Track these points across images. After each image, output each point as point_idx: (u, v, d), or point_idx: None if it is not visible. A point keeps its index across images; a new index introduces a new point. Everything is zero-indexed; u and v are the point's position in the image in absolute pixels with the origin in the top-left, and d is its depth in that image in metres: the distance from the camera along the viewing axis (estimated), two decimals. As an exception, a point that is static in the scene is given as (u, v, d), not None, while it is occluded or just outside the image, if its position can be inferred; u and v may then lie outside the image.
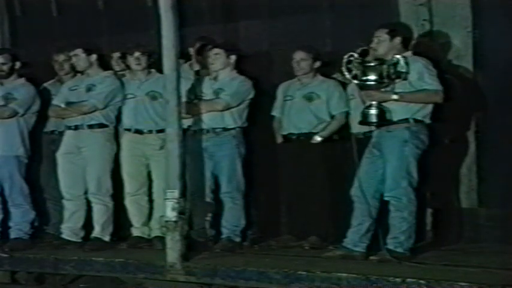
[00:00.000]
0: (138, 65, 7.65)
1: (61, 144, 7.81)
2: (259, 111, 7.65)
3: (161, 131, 7.40)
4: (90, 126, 7.66)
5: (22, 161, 7.96)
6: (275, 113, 7.58)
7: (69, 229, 7.76)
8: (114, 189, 7.73)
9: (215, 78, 7.54)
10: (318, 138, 7.34)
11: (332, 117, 7.36)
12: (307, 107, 7.40)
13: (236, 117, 7.48)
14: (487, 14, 7.23)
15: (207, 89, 7.52)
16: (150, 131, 7.61)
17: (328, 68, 7.48)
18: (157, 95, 7.56)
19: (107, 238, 7.68)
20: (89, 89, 7.72)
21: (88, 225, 7.79)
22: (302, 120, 7.41)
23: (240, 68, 7.63)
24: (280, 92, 7.57)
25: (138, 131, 7.66)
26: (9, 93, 7.90)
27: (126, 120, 7.71)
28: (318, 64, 7.42)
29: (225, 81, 7.51)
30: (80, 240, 7.74)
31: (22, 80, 7.98)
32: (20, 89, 7.90)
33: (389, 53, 6.66)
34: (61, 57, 8.12)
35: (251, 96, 7.52)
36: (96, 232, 7.68)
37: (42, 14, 9.34)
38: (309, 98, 7.41)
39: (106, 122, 7.68)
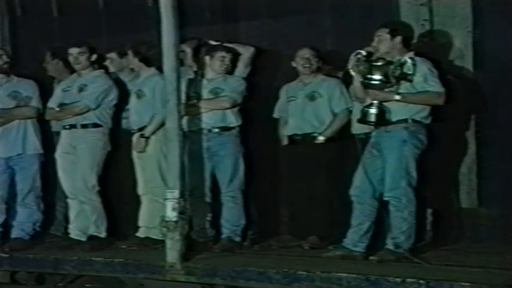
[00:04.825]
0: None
1: (58, 144, 7.84)
2: (259, 110, 7.65)
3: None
4: (84, 126, 7.68)
5: (41, 160, 7.99)
6: (276, 114, 7.58)
7: (77, 228, 7.75)
8: (116, 189, 7.74)
9: (202, 77, 7.56)
10: (321, 138, 7.34)
11: (335, 115, 7.36)
12: (310, 106, 7.40)
13: (237, 116, 7.50)
14: (487, 14, 7.22)
15: (199, 89, 7.52)
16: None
17: (329, 67, 7.49)
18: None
19: (102, 235, 7.68)
20: (80, 89, 7.74)
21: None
22: (305, 120, 7.41)
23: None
24: (283, 93, 7.58)
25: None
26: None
27: None
28: (321, 63, 7.44)
29: (219, 80, 7.53)
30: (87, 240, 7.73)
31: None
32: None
33: (390, 52, 6.67)
34: (49, 59, 8.17)
35: (245, 94, 7.55)
36: (92, 230, 7.68)
37: (43, 14, 9.34)
38: (311, 98, 7.41)
39: (100, 122, 7.69)
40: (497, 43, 7.14)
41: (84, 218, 7.73)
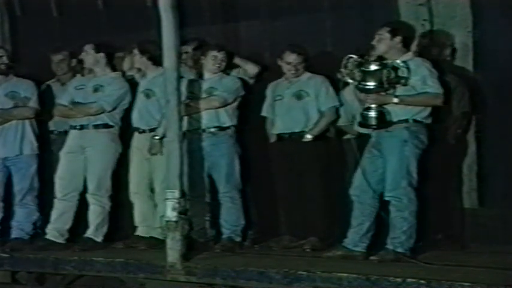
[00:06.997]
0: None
1: (65, 143, 7.81)
2: (258, 110, 7.65)
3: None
4: (96, 126, 7.66)
5: (38, 160, 7.99)
6: (265, 113, 7.57)
7: (56, 230, 7.72)
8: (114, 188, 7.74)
9: (201, 78, 7.57)
10: (308, 137, 7.33)
11: (321, 113, 7.35)
12: (297, 105, 7.39)
13: (231, 116, 7.49)
14: (487, 14, 7.23)
15: (196, 89, 7.53)
16: None
17: (325, 67, 7.51)
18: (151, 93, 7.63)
19: (99, 239, 7.66)
20: (96, 90, 7.71)
21: (77, 225, 7.78)
22: (293, 119, 7.38)
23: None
24: (269, 91, 7.56)
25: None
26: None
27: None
28: (307, 63, 7.41)
29: (214, 80, 7.53)
30: (63, 242, 7.71)
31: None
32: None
33: (389, 52, 6.66)
34: (58, 57, 8.15)
35: (242, 94, 7.54)
36: (90, 232, 7.66)
37: (42, 14, 9.34)
38: (298, 96, 7.40)
39: (111, 122, 7.67)
40: (497, 43, 7.15)
41: (65, 220, 7.71)
